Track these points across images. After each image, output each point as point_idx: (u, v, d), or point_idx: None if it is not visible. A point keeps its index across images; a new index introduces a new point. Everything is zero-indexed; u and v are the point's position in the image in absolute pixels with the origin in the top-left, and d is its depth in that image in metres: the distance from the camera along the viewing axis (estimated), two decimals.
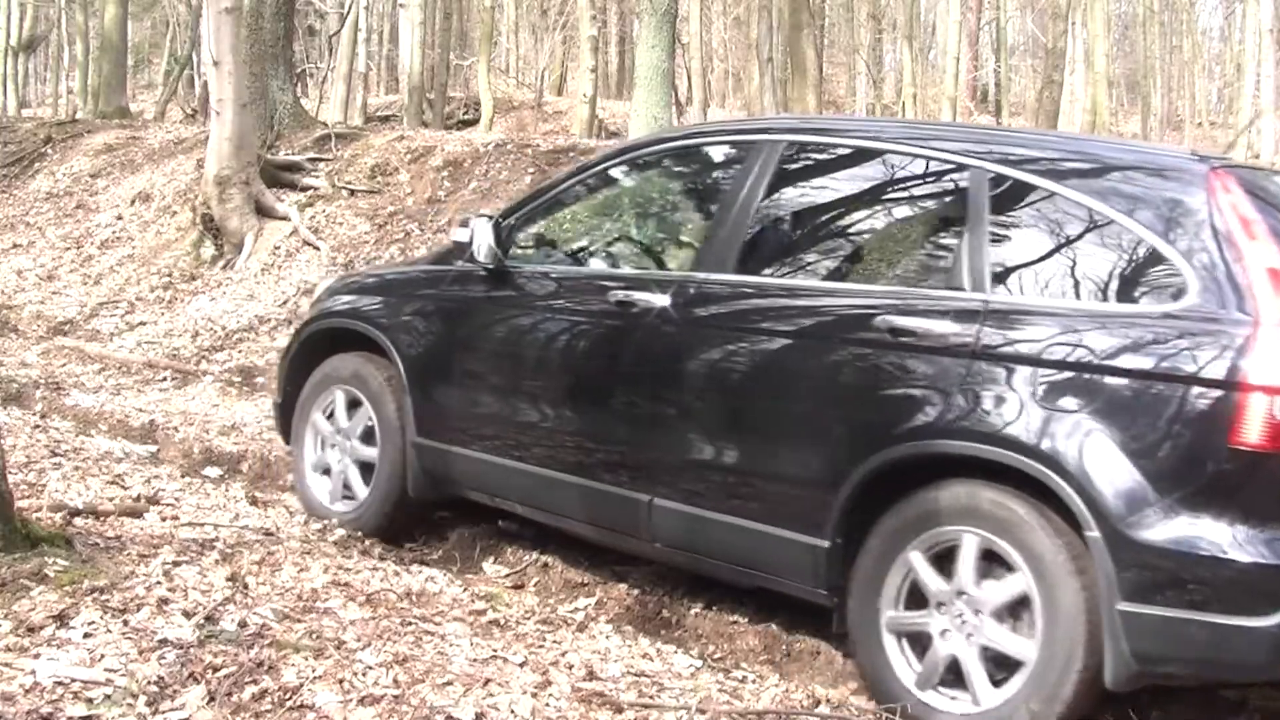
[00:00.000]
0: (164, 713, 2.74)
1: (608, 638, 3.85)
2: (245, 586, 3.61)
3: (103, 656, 2.93)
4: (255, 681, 2.91)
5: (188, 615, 3.24)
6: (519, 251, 4.62)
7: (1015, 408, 3.32)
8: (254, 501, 5.16)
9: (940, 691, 3.41)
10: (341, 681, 2.97)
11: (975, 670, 3.34)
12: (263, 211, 11.05)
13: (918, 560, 3.46)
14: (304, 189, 11.48)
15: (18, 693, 2.71)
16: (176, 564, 3.69)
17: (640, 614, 4.37)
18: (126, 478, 5.17)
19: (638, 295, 4.13)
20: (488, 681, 3.13)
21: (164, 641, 3.05)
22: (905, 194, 4.01)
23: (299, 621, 3.36)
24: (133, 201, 12.45)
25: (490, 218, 4.63)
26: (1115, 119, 23.14)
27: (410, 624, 3.54)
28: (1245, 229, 3.30)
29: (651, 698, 3.28)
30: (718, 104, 28.20)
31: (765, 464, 3.81)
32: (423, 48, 19.37)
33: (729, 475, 3.88)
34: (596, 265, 4.61)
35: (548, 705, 3.07)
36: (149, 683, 2.83)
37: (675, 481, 3.98)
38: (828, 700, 3.58)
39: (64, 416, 6.61)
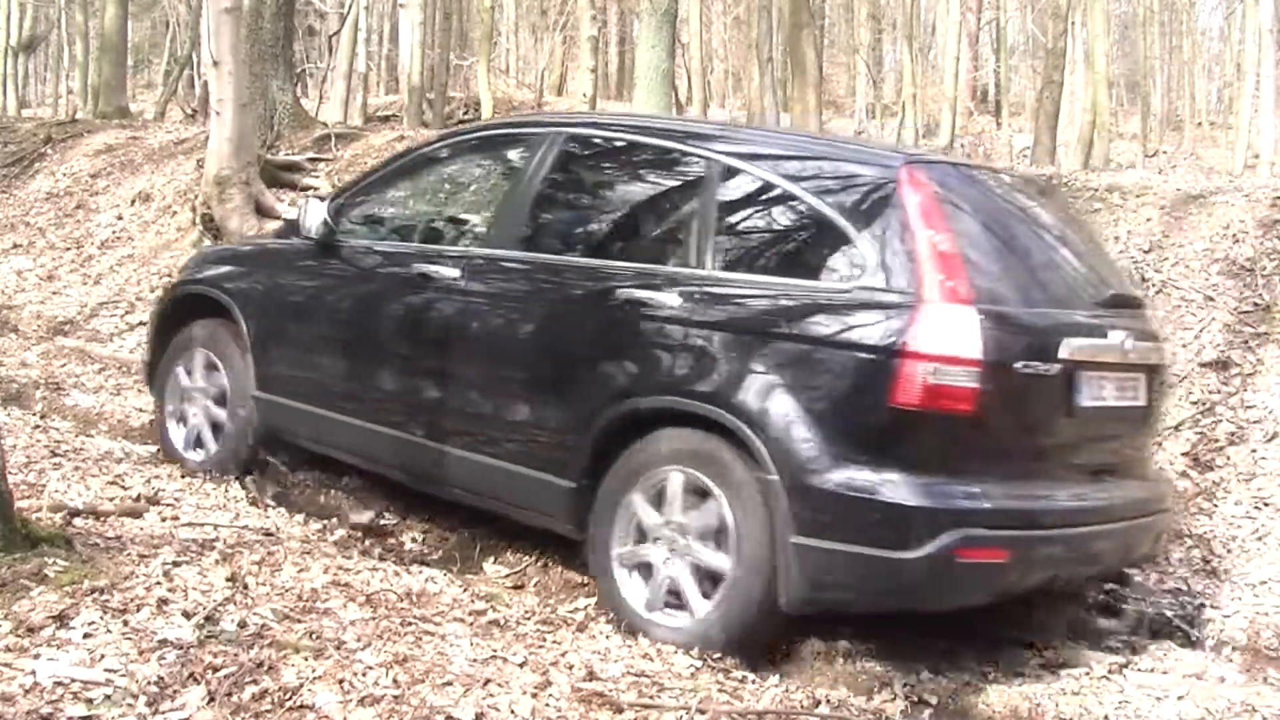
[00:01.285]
0: (164, 713, 2.74)
1: (608, 638, 3.85)
2: (245, 586, 3.61)
3: (103, 656, 2.93)
4: (255, 681, 2.91)
5: (188, 615, 3.24)
6: (348, 228, 5.15)
7: (719, 369, 3.89)
8: (254, 502, 5.16)
9: (665, 612, 3.96)
10: (341, 681, 2.97)
11: (689, 586, 3.91)
12: (263, 212, 11.03)
13: (640, 499, 4.00)
14: (304, 189, 11.46)
15: (18, 693, 2.71)
16: (176, 564, 3.69)
17: None
18: (126, 478, 5.16)
19: (435, 268, 4.68)
20: (488, 681, 3.13)
21: (164, 641, 3.05)
22: (655, 182, 4.60)
23: (299, 622, 3.36)
24: (133, 202, 12.44)
25: (322, 198, 5.31)
26: (1115, 119, 23.12)
27: (410, 624, 3.53)
28: (922, 218, 3.77)
29: (651, 698, 3.28)
30: (718, 104, 28.19)
31: (530, 417, 4.34)
32: (423, 48, 19.37)
33: (503, 427, 4.42)
34: (406, 241, 5.12)
35: (548, 705, 3.07)
36: (149, 683, 2.83)
37: (463, 433, 4.51)
38: (828, 700, 3.58)
39: (64, 416, 6.60)
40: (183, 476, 5.38)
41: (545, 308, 4.40)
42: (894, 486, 3.61)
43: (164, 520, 4.48)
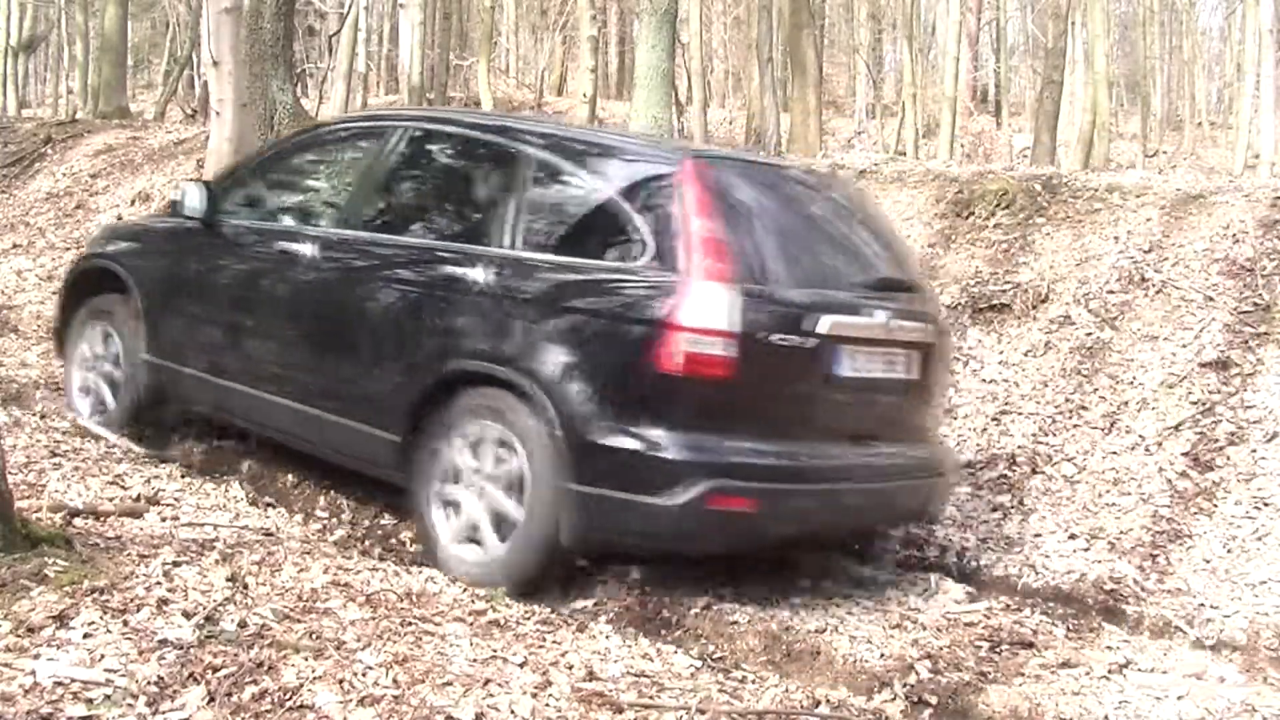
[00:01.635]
0: (164, 713, 2.74)
1: (608, 638, 3.85)
2: (245, 586, 3.61)
3: (103, 657, 2.93)
4: (255, 681, 2.91)
5: (188, 615, 3.24)
6: (228, 209, 5.66)
7: (518, 337, 4.39)
8: (254, 502, 5.16)
9: (466, 544, 4.47)
10: (341, 681, 2.97)
11: (486, 527, 4.42)
12: None
13: (452, 449, 4.51)
14: None
15: (18, 693, 2.71)
16: (176, 564, 3.69)
17: (640, 614, 4.38)
18: (126, 478, 5.16)
19: (295, 246, 5.22)
20: (488, 681, 3.13)
21: (164, 642, 3.05)
22: (476, 171, 5.11)
23: (299, 622, 3.36)
24: (133, 202, 12.43)
25: (202, 182, 5.93)
26: (1115, 119, 23.11)
27: (410, 624, 3.54)
28: (695, 208, 4.26)
29: (651, 698, 3.28)
30: (718, 104, 28.18)
31: (368, 379, 4.85)
32: (423, 48, 19.36)
33: (347, 388, 4.92)
34: (273, 221, 5.66)
35: (548, 705, 3.07)
36: (149, 683, 2.83)
37: (315, 394, 5.01)
38: (828, 700, 3.58)
39: (64, 416, 6.60)
40: (182, 476, 5.38)
41: (381, 282, 4.93)
42: (656, 442, 4.12)
43: (164, 520, 4.48)
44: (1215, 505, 5.33)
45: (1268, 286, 6.35)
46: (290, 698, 2.86)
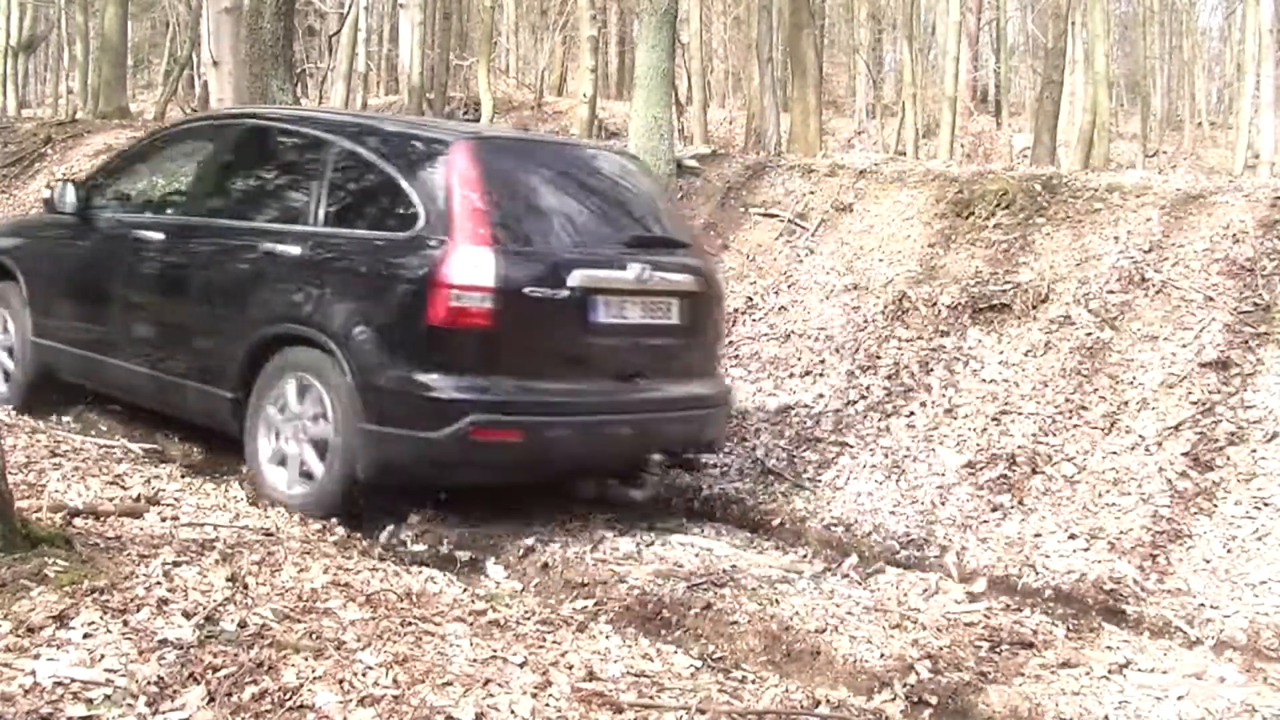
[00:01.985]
0: (164, 713, 2.74)
1: (608, 638, 3.85)
2: (245, 586, 3.61)
3: (103, 657, 2.93)
4: (255, 681, 2.91)
5: (188, 615, 3.24)
6: (95, 203, 6.34)
7: (320, 301, 5.09)
8: (254, 502, 5.16)
9: (284, 477, 5.15)
10: (341, 681, 2.97)
11: (304, 465, 5.10)
12: None
13: (274, 400, 5.19)
14: None
15: (18, 693, 2.71)
16: (176, 564, 3.69)
17: (640, 614, 4.38)
18: (126, 478, 5.16)
19: (148, 233, 5.95)
20: (488, 681, 3.13)
21: (164, 642, 3.05)
22: (293, 160, 5.75)
23: (299, 622, 3.36)
24: None
25: (72, 181, 6.53)
26: (1115, 119, 23.10)
27: (410, 624, 3.53)
28: (461, 183, 4.92)
29: (651, 698, 3.28)
30: (718, 104, 28.17)
31: (208, 346, 5.56)
32: (423, 48, 19.36)
33: (192, 355, 5.64)
34: (130, 212, 6.33)
35: (548, 705, 3.07)
36: (149, 683, 2.83)
37: (168, 361, 5.73)
38: (828, 700, 3.58)
39: (64, 416, 6.60)
40: (182, 476, 5.38)
41: (215, 261, 5.62)
42: (429, 384, 4.78)
43: (164, 520, 4.49)
44: (1215, 505, 5.33)
45: (1268, 286, 6.35)
46: (290, 698, 2.86)
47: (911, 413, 6.50)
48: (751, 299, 7.94)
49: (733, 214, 8.86)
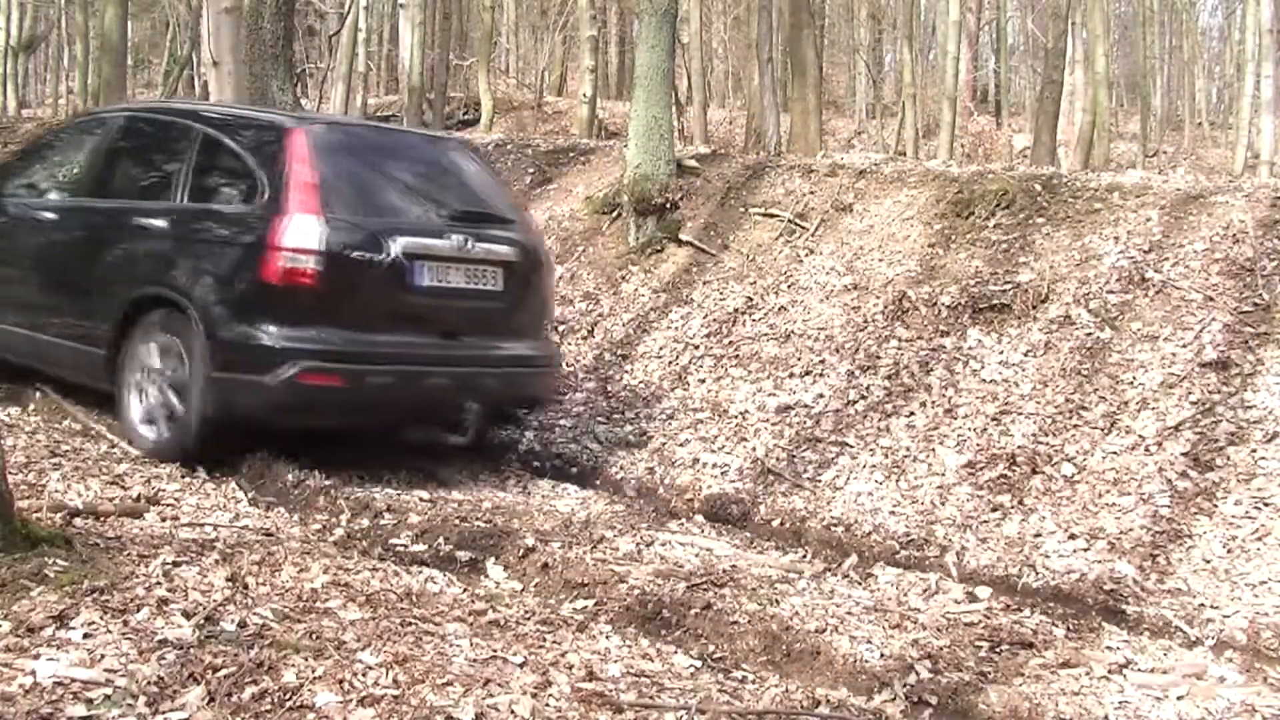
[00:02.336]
0: (164, 713, 2.74)
1: (608, 638, 3.85)
2: (245, 586, 3.61)
3: (103, 657, 2.93)
4: (255, 681, 2.91)
5: (188, 615, 3.24)
6: (11, 191, 6.92)
7: (178, 266, 5.77)
8: (254, 502, 5.16)
9: (149, 426, 5.78)
10: (341, 681, 2.97)
11: (171, 406, 5.68)
12: None
13: (141, 355, 5.81)
14: None
15: (18, 693, 2.71)
16: (176, 564, 3.69)
17: (640, 614, 4.37)
18: (126, 478, 5.17)
19: (44, 214, 6.67)
20: (488, 681, 3.13)
21: (164, 642, 3.05)
22: (163, 145, 6.37)
23: (299, 622, 3.36)
24: None
25: None
26: (1115, 119, 23.09)
27: (410, 624, 3.53)
28: (296, 162, 5.64)
29: (651, 698, 3.28)
30: (718, 104, 28.16)
31: (89, 311, 6.10)
32: (423, 48, 19.35)
33: (76, 320, 6.20)
34: (33, 196, 6.91)
35: (548, 705, 3.07)
36: (149, 683, 2.83)
37: (59, 327, 6.28)
38: (828, 700, 3.58)
39: (65, 416, 6.60)
40: (182, 476, 5.38)
41: (97, 236, 6.23)
42: (263, 335, 5.45)
43: (164, 520, 4.49)
44: (1215, 505, 5.33)
45: (1268, 286, 6.35)
46: (290, 698, 2.86)
47: (911, 413, 6.50)
48: (751, 299, 7.94)
49: (733, 214, 8.85)
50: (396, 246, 5.64)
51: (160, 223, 5.96)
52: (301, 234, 5.46)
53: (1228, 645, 4.56)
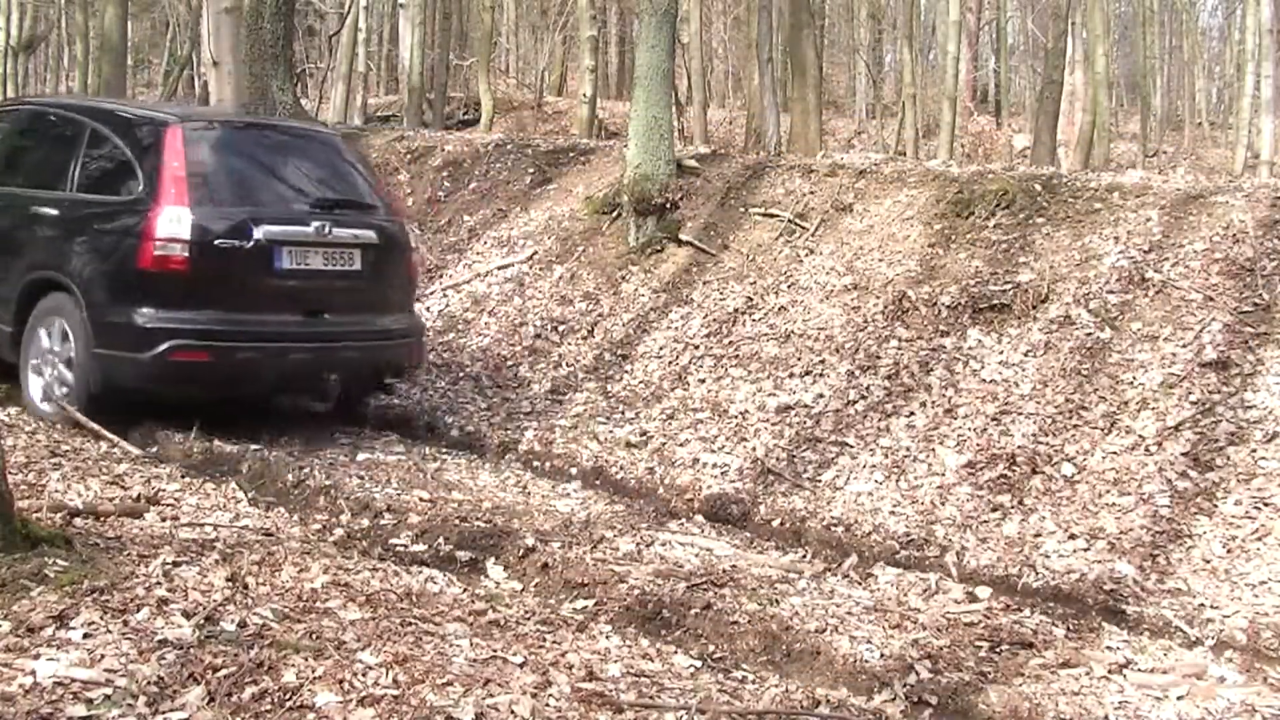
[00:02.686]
0: (164, 713, 2.74)
1: (608, 638, 3.85)
2: (245, 586, 3.61)
3: (103, 657, 2.93)
4: (255, 681, 2.91)
5: (188, 615, 3.24)
6: None
7: (68, 252, 6.31)
8: (254, 502, 5.16)
9: (47, 402, 6.32)
10: (341, 681, 2.97)
11: (61, 385, 6.27)
12: None
13: (39, 333, 6.38)
14: None
15: (18, 693, 2.71)
16: (176, 564, 3.69)
17: (640, 614, 4.37)
18: (126, 478, 5.17)
19: None
20: (488, 681, 3.13)
21: (164, 642, 3.05)
22: (58, 137, 6.88)
23: (299, 622, 3.36)
24: None
25: None
26: (1115, 119, 23.09)
27: (410, 624, 3.53)
28: (170, 156, 6.17)
29: (651, 698, 3.28)
30: (718, 104, 28.16)
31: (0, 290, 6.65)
32: (423, 48, 19.35)
33: None
34: None
35: (548, 705, 3.06)
36: (149, 683, 2.83)
37: None
38: (828, 700, 3.58)
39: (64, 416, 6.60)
40: (182, 476, 5.38)
41: (4, 221, 6.73)
42: (138, 315, 6.03)
43: (164, 520, 4.49)
44: (1215, 505, 5.33)
45: (1268, 286, 6.35)
46: (290, 698, 2.86)
47: (911, 413, 6.50)
48: (751, 299, 7.94)
49: (733, 214, 8.85)
50: (260, 233, 6.20)
51: (53, 211, 6.52)
52: (172, 224, 6.03)
53: (1228, 645, 4.56)
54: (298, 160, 6.90)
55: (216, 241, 6.08)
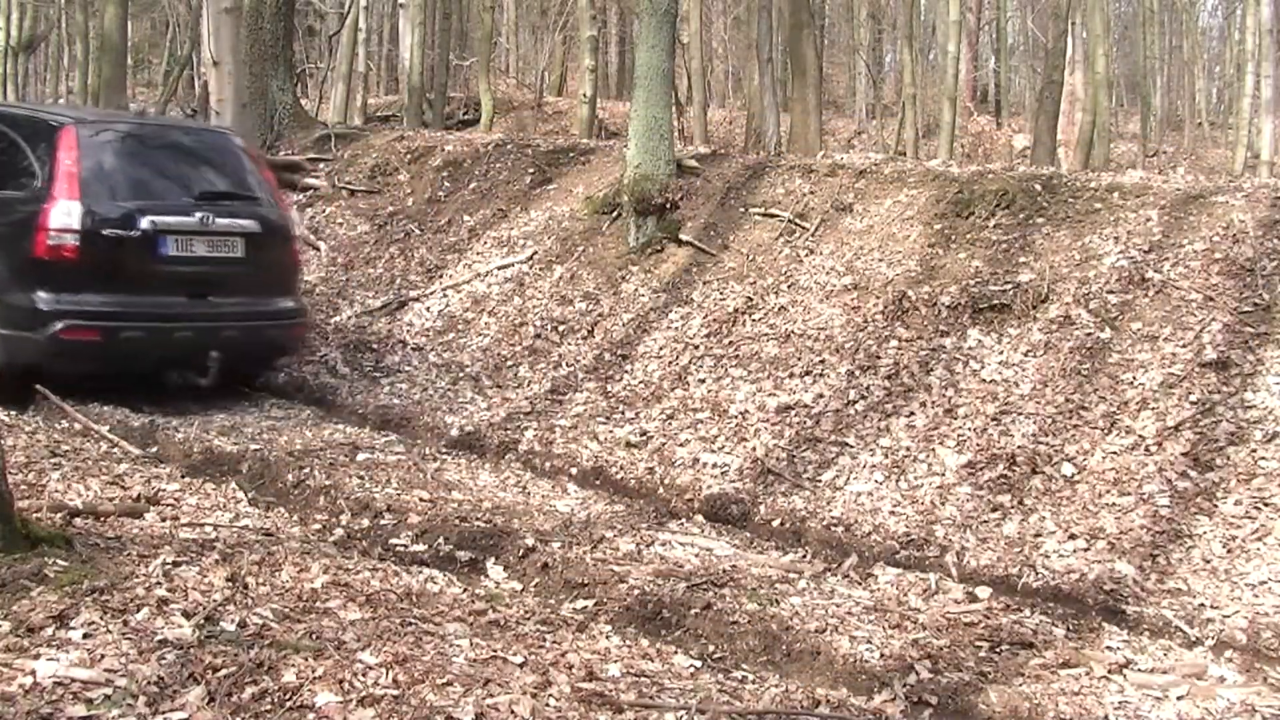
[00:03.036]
0: (164, 713, 2.74)
1: (608, 638, 3.85)
2: (245, 586, 3.61)
3: (103, 657, 2.93)
4: (255, 681, 2.91)
5: (188, 615, 3.24)
6: None
7: None
8: (254, 502, 5.16)
9: None
10: (341, 681, 2.97)
11: None
12: None
13: None
14: (304, 189, 11.47)
15: (18, 693, 2.71)
16: (176, 564, 3.69)
17: (640, 614, 4.38)
18: (126, 478, 5.17)
19: None
20: (488, 681, 3.13)
21: (164, 642, 3.05)
22: None
23: (299, 622, 3.36)
24: None
25: None
26: (1115, 119, 23.08)
27: (410, 624, 3.53)
28: (65, 154, 6.81)
29: (651, 698, 3.28)
30: (718, 104, 28.16)
31: None
32: (423, 48, 19.35)
33: None
34: None
35: (548, 705, 3.06)
36: (149, 683, 2.83)
37: None
38: (828, 700, 3.58)
39: (64, 416, 6.60)
40: (182, 476, 5.38)
41: None
42: (34, 298, 6.69)
43: (164, 520, 4.49)
44: (1215, 505, 5.33)
45: (1268, 286, 6.35)
46: (290, 698, 2.86)
47: (911, 413, 6.50)
48: (751, 299, 7.94)
49: (733, 214, 8.85)
50: (146, 223, 6.89)
51: None
52: (64, 216, 6.70)
53: (1228, 645, 4.56)
54: (187, 157, 7.61)
55: (105, 231, 6.77)
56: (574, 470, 6.65)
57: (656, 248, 8.87)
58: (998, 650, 4.33)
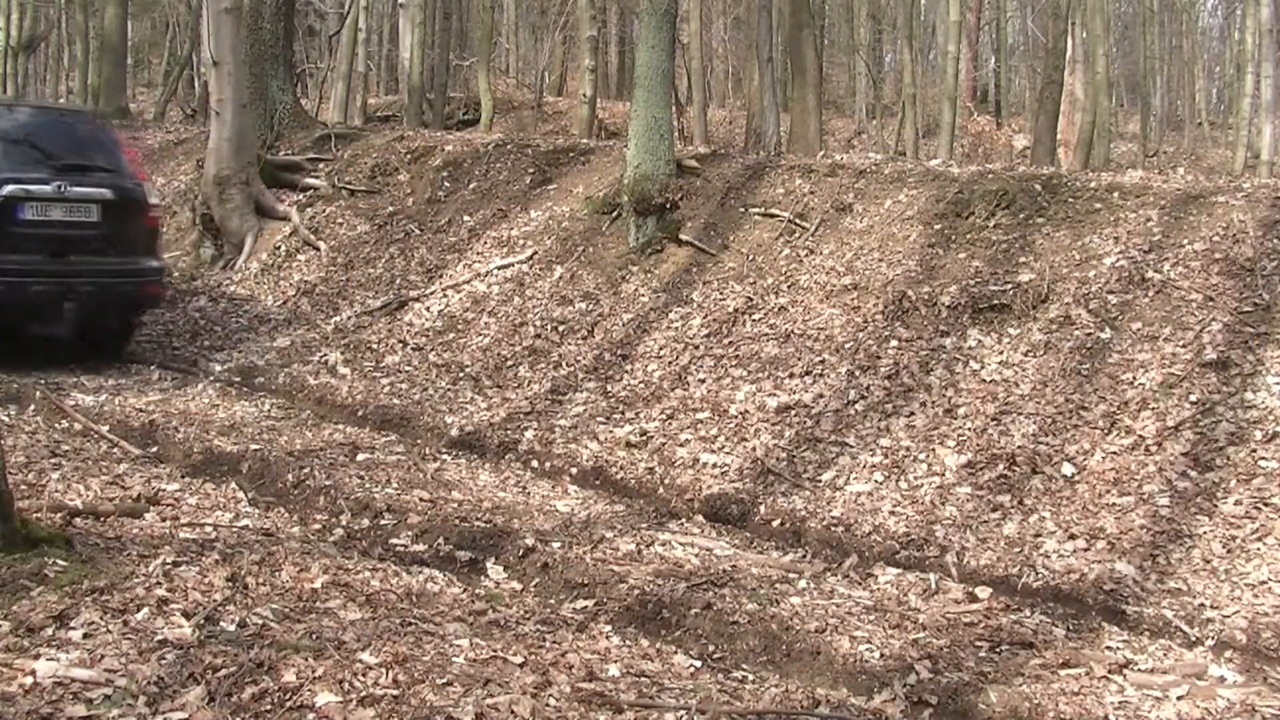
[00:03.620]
0: (164, 713, 2.74)
1: (608, 638, 3.85)
2: (245, 586, 3.61)
3: (103, 657, 2.93)
4: (255, 681, 2.91)
5: (188, 615, 3.24)
6: None
7: None
8: (254, 502, 5.16)
9: None
10: (341, 681, 2.97)
11: None
12: (263, 212, 11.04)
13: None
14: (304, 189, 11.47)
15: (18, 693, 2.71)
16: (176, 564, 3.69)
17: (640, 614, 4.37)
18: (126, 478, 5.16)
19: None
20: (488, 681, 3.13)
21: (164, 642, 3.05)
22: None
23: (299, 622, 3.36)
24: None
25: None
26: (1115, 119, 23.08)
27: (410, 624, 3.53)
28: None
29: (651, 698, 3.28)
30: (718, 104, 28.15)
31: None
32: (423, 48, 19.35)
33: None
34: None
35: (548, 705, 3.06)
36: (149, 683, 2.83)
37: None
38: (828, 700, 3.58)
39: (64, 416, 6.60)
40: (182, 476, 5.38)
41: None
42: None
43: (164, 520, 4.49)
44: (1215, 505, 5.33)
45: (1268, 286, 6.35)
46: (290, 698, 2.86)
47: (911, 413, 6.50)
48: (751, 299, 7.94)
49: (733, 214, 8.85)
50: (4, 191, 7.87)
51: None
52: None
53: (1228, 645, 4.56)
54: (49, 134, 8.53)
55: None
56: (574, 470, 6.65)
57: (656, 248, 8.87)
58: (998, 650, 4.33)
